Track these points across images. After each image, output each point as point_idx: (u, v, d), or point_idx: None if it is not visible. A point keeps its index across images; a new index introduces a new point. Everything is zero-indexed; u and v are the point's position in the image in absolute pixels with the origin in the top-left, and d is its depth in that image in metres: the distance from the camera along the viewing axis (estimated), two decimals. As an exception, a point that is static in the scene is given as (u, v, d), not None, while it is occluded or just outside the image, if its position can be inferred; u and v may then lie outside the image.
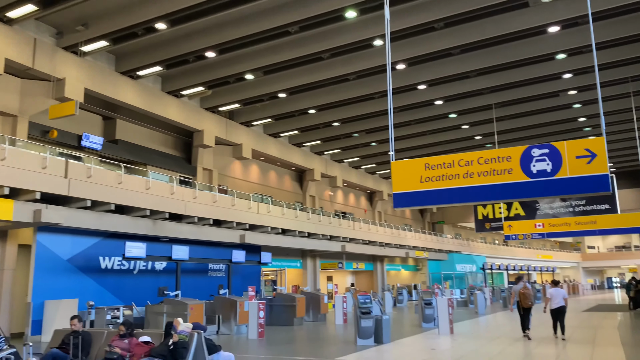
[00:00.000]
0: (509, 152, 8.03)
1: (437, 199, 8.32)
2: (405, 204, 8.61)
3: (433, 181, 8.36)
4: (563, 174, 7.44)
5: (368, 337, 13.43)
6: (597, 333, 14.96)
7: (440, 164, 8.45)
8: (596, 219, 20.97)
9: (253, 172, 29.76)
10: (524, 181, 7.72)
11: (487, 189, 7.97)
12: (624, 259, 71.10)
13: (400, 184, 8.74)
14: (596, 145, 7.46)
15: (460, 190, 8.18)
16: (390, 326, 17.60)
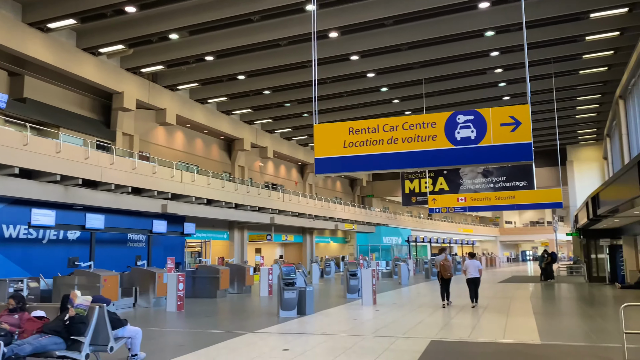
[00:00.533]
0: (434, 117, 7.80)
1: (361, 165, 8.01)
2: (328, 170, 8.25)
3: (357, 146, 8.02)
4: (487, 141, 7.33)
5: (291, 308, 13.17)
6: (511, 303, 15.58)
7: (364, 128, 8.10)
8: (515, 194, 21.82)
9: (178, 140, 28.46)
10: (447, 148, 7.54)
11: (410, 156, 7.73)
12: (538, 233, 75.94)
13: (322, 148, 8.34)
14: (521, 113, 7.39)
15: (383, 157, 7.88)
16: (315, 297, 17.52)
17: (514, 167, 32.90)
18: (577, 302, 15.82)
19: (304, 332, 10.42)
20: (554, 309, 14.37)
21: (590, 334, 9.72)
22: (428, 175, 35.23)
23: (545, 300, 16.95)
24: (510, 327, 10.61)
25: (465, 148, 7.39)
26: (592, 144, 40.04)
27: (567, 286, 22.77)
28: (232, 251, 31.43)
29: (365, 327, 10.89)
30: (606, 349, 8.21)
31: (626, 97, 23.57)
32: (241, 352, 8.35)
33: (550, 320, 11.80)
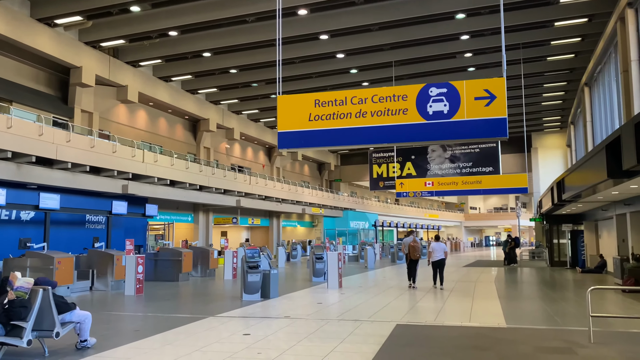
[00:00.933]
0: (405, 90, 7.41)
1: (327, 139, 7.59)
2: (292, 145, 7.82)
3: (323, 120, 7.58)
4: (460, 116, 7.01)
5: (255, 292, 12.80)
6: (476, 287, 15.61)
7: (331, 100, 7.65)
8: (481, 179, 21.89)
9: (140, 119, 27.47)
10: (419, 123, 7.18)
11: (379, 131, 7.34)
12: (501, 219, 77.58)
13: (286, 121, 7.87)
14: (496, 87, 7.09)
15: (351, 131, 7.46)
16: (280, 281, 17.21)
17: (481, 152, 33.18)
18: (540, 286, 15.97)
19: (267, 316, 10.08)
20: (518, 292, 14.45)
21: (555, 317, 9.70)
22: (396, 160, 35.23)
23: (509, 284, 17.08)
24: (476, 311, 10.52)
25: (438, 123, 7.04)
26: (557, 131, 40.77)
27: (530, 270, 23.13)
28: (196, 234, 30.79)
29: (330, 311, 10.63)
30: (571, 332, 8.16)
31: (591, 84, 23.87)
32: (199, 337, 7.95)
33: (515, 303, 11.80)
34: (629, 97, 15.91)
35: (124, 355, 6.88)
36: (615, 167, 9.67)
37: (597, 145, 11.30)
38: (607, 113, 20.69)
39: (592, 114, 23.81)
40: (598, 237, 22.56)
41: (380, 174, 37.38)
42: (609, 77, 20.48)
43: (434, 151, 34.96)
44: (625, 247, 16.40)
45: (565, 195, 15.67)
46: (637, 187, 11.65)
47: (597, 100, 23.01)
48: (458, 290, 14.59)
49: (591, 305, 11.73)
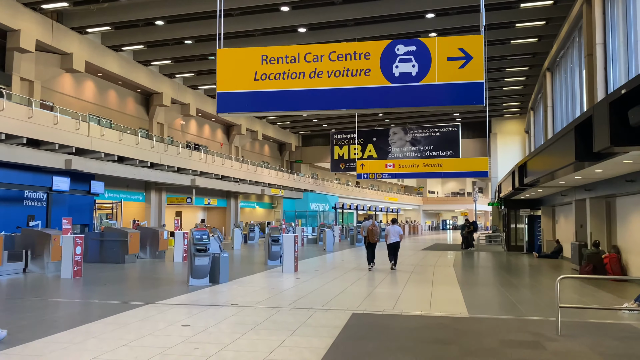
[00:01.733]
0: (368, 47, 6.49)
1: (275, 103, 6.68)
2: (233, 108, 6.89)
3: (271, 80, 6.66)
4: (430, 79, 6.22)
5: (202, 276, 11.91)
6: (435, 271, 15.19)
7: (281, 57, 6.68)
8: (442, 162, 21.53)
9: (88, 90, 25.73)
10: (383, 86, 6.36)
11: (337, 94, 6.46)
12: (458, 203, 78.73)
13: (227, 81, 6.91)
14: (473, 45, 6.30)
15: (303, 94, 6.56)
16: (233, 264, 16.36)
17: (441, 136, 33.01)
18: (499, 272, 15.71)
19: (212, 303, 9.24)
20: (478, 278, 14.09)
21: (518, 305, 9.26)
22: (357, 142, 34.67)
23: (468, 268, 16.78)
24: (436, 298, 9.99)
25: (404, 87, 6.20)
26: (516, 117, 41.04)
27: (487, 255, 23.06)
28: (148, 214, 29.44)
29: (283, 298, 9.88)
30: (536, 322, 7.68)
31: (554, 69, 23.75)
32: (131, 328, 7.05)
33: (475, 290, 11.36)
34: (593, 81, 15.65)
35: (34, 351, 5.91)
36: (584, 149, 9.23)
37: (565, 127, 10.88)
38: (569, 99, 20.56)
39: (553, 99, 23.74)
40: (555, 222, 22.65)
41: (342, 155, 36.87)
42: (571, 62, 20.31)
43: (396, 134, 34.62)
44: (583, 232, 16.31)
45: (527, 180, 15.37)
46: (602, 171, 11.34)
47: (558, 86, 22.92)
48: (417, 275, 14.12)
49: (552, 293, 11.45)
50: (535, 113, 31.51)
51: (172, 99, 29.94)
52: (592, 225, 15.00)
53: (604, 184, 13.34)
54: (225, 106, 7.00)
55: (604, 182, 13.28)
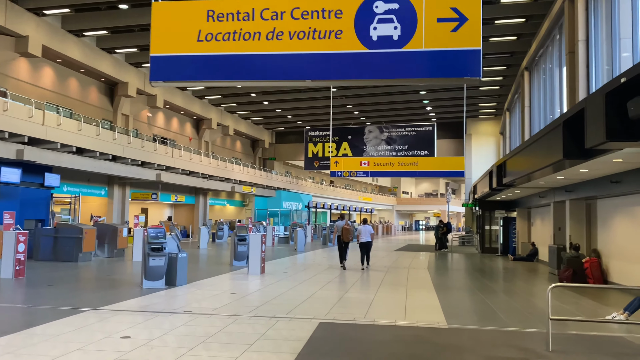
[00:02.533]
0: (340, 3, 5.34)
1: (223, 71, 5.56)
2: (170, 76, 5.80)
3: (218, 41, 5.55)
4: (416, 44, 5.23)
5: (157, 278, 10.87)
6: (410, 274, 14.44)
7: (232, 13, 5.47)
8: (418, 160, 20.86)
9: (47, 77, 24.20)
10: (357, 52, 5.33)
11: (301, 61, 5.35)
12: (431, 204, 78.78)
13: (164, 41, 5.76)
14: (469, 4, 5.30)
15: (258, 61, 5.41)
16: (195, 265, 15.29)
17: (417, 135, 32.43)
18: (476, 275, 15.06)
19: (163, 310, 8.24)
20: (454, 282, 13.37)
21: (500, 314, 8.52)
22: (332, 140, 33.84)
23: (443, 271, 16.09)
24: (412, 305, 9.18)
25: (384, 53, 5.18)
26: (491, 118, 40.85)
27: (461, 257, 22.50)
28: (111, 209, 28.02)
29: (243, 304, 8.93)
30: (522, 335, 6.93)
31: (532, 69, 23.34)
32: (58, 342, 6.02)
33: (453, 296, 10.60)
34: (574, 80, 15.14)
35: None
36: (572, 146, 8.54)
37: (552, 122, 10.21)
38: (548, 99, 20.11)
39: (531, 99, 23.32)
40: (530, 224, 22.24)
41: (316, 153, 35.95)
42: (551, 62, 19.87)
43: (371, 132, 33.91)
44: (561, 235, 15.81)
45: (506, 180, 14.76)
46: (587, 171, 10.73)
47: (537, 86, 22.50)
48: (390, 277, 13.33)
49: (533, 300, 10.82)
50: (512, 114, 31.21)
51: (138, 89, 28.55)
52: (571, 228, 14.48)
53: (586, 185, 12.78)
54: (161, 73, 5.88)
55: (586, 183, 12.72)
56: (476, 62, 5.23)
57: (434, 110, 39.21)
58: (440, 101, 36.03)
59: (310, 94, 33.97)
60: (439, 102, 36.58)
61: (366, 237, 15.30)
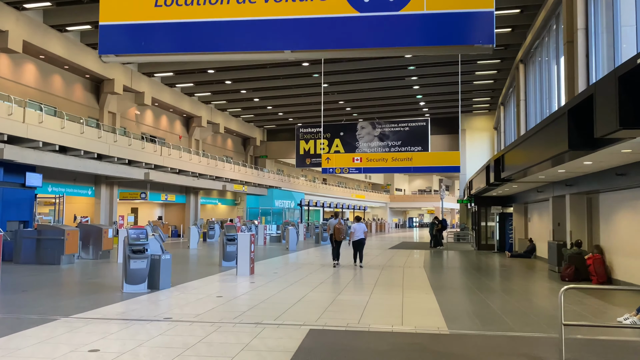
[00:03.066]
0: None
1: (185, 41, 4.77)
2: (123, 48, 5.07)
3: (180, 5, 4.81)
4: (416, 6, 4.54)
5: (139, 281, 10.25)
6: (406, 273, 13.88)
7: None
8: (412, 155, 20.32)
9: (29, 74, 23.43)
10: (346, 16, 4.61)
11: (278, 28, 4.60)
12: (425, 201, 78.41)
13: (115, 7, 5.01)
14: None
15: (228, 28, 4.70)
16: (184, 265, 14.66)
17: (410, 131, 31.92)
18: (474, 273, 14.53)
19: (141, 317, 7.62)
20: (453, 281, 12.83)
21: (504, 317, 7.97)
22: (324, 136, 33.27)
23: (440, 269, 15.56)
24: (409, 308, 8.62)
25: (378, 17, 4.48)
26: (485, 113, 40.40)
27: (457, 254, 22.00)
28: (98, 210, 27.30)
29: (229, 309, 8.33)
30: (530, 341, 6.38)
31: (527, 61, 22.85)
32: (18, 357, 5.39)
33: (452, 297, 10.05)
34: (573, 69, 14.63)
35: None
36: (578, 136, 8.01)
37: (554, 113, 9.67)
38: (544, 91, 19.61)
39: (527, 92, 22.84)
40: (527, 220, 21.77)
41: (308, 150, 35.36)
42: (547, 54, 19.37)
43: (364, 128, 33.35)
44: (561, 231, 15.32)
45: (504, 174, 14.23)
46: (592, 163, 10.21)
47: (532, 79, 22.01)
48: (385, 277, 12.77)
49: (537, 300, 10.30)
50: (506, 108, 30.75)
51: (125, 86, 27.82)
52: (572, 223, 13.98)
53: (588, 179, 12.27)
54: (113, 46, 5.15)
55: (588, 176, 12.21)
56: (489, 27, 4.57)
57: (428, 106, 38.71)
58: (433, 96, 35.53)
59: (302, 90, 33.35)
60: (432, 97, 36.08)
61: (359, 235, 15.25)
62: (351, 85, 32.54)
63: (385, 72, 29.78)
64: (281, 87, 32.47)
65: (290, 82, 31.53)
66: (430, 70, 29.62)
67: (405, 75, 30.46)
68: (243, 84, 31.92)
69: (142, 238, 10.42)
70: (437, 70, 29.42)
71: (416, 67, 28.82)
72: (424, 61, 27.68)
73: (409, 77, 30.66)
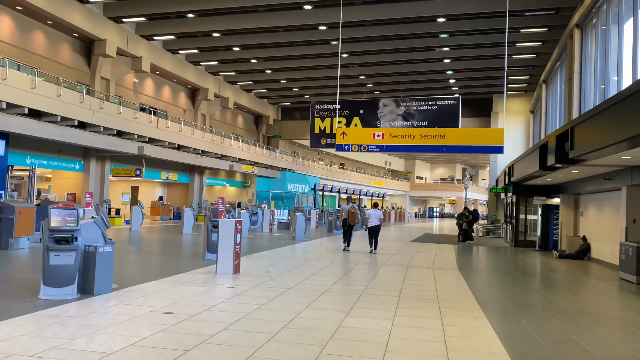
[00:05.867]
0: None
1: None
2: None
3: None
4: None
5: (64, 283, 7.22)
6: (438, 280, 10.61)
7: None
8: (445, 132, 16.89)
9: (3, 27, 20.47)
10: None
11: None
12: (447, 190, 74.65)
13: None
14: None
15: None
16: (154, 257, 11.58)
17: (439, 110, 28.32)
18: (526, 282, 11.24)
19: (20, 352, 4.54)
20: (505, 295, 9.51)
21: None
22: (342, 114, 29.92)
23: (481, 274, 12.28)
24: (458, 348, 5.40)
25: None
26: (521, 95, 36.50)
27: (493, 251, 18.65)
28: (86, 186, 24.50)
29: (166, 343, 5.21)
30: None
31: (585, 25, 19.12)
32: None
33: (518, 328, 6.74)
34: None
35: None
36: None
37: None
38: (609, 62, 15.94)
39: (583, 64, 19.16)
40: (579, 214, 18.28)
41: (323, 129, 31.95)
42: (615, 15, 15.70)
43: (386, 106, 29.76)
44: (636, 229, 11.91)
45: (574, 154, 10.81)
46: None
47: (591, 46, 18.33)
48: (412, 285, 9.53)
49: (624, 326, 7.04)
50: (550, 86, 26.98)
51: (119, 49, 24.79)
52: (660, 220, 10.54)
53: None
54: None
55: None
56: None
57: (458, 84, 35.02)
58: (465, 72, 31.84)
59: (318, 60, 29.98)
60: (463, 74, 32.40)
61: (375, 221, 15.04)
62: (373, 57, 29.08)
63: (413, 41, 26.26)
64: (295, 56, 29.16)
65: (305, 51, 28.19)
66: (464, 40, 25.99)
67: (436, 46, 26.86)
68: (253, 52, 28.68)
69: (71, 222, 7.36)
70: (472, 40, 25.80)
71: (449, 35, 25.23)
72: (457, 28, 24.06)
73: (439, 47, 27.05)
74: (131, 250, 13.91)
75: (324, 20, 23.24)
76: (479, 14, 22.18)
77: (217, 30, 24.90)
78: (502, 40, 25.61)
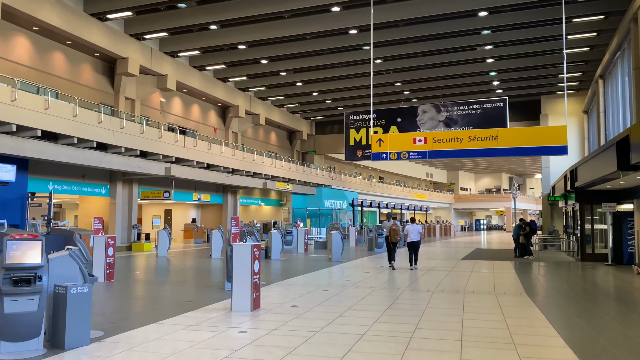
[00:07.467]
0: None
1: None
2: None
3: None
4: None
5: (25, 336, 5.64)
6: (506, 312, 8.54)
7: None
8: (497, 133, 14.76)
9: (20, 49, 19.73)
10: None
11: None
12: (494, 201, 71.19)
13: None
14: None
15: None
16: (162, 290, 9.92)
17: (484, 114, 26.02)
18: (620, 310, 9.01)
19: None
20: (599, 329, 7.38)
21: None
22: (378, 124, 28.07)
23: (559, 301, 10.05)
24: None
25: None
26: (572, 94, 33.70)
27: (558, 268, 16.23)
28: (113, 211, 23.46)
29: None
30: None
31: (652, 7, 16.74)
32: None
33: None
34: None
35: None
36: None
37: None
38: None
39: (651, 49, 16.73)
40: (660, 222, 15.71)
41: (359, 140, 30.01)
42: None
43: (425, 112, 27.66)
44: None
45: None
46: None
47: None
48: (476, 323, 7.50)
49: None
50: (609, 81, 24.35)
51: (143, 67, 23.83)
52: None
53: None
54: None
55: None
56: None
57: (502, 86, 32.63)
58: (510, 72, 29.49)
59: (350, 69, 28.33)
60: (508, 75, 30.05)
61: (415, 237, 14.73)
62: (408, 61, 27.18)
63: (451, 41, 24.26)
64: (326, 66, 27.61)
65: (336, 59, 26.60)
66: (509, 36, 23.80)
67: (477, 44, 24.75)
68: (282, 64, 27.32)
69: (33, 257, 5.80)
70: (517, 36, 23.59)
71: (492, 31, 23.13)
72: (500, 22, 21.96)
73: (481, 45, 24.92)
74: (145, 282, 12.40)
75: (354, 23, 21.62)
76: (526, 3, 20.02)
77: (243, 41, 23.65)
78: (552, 34, 23.33)
